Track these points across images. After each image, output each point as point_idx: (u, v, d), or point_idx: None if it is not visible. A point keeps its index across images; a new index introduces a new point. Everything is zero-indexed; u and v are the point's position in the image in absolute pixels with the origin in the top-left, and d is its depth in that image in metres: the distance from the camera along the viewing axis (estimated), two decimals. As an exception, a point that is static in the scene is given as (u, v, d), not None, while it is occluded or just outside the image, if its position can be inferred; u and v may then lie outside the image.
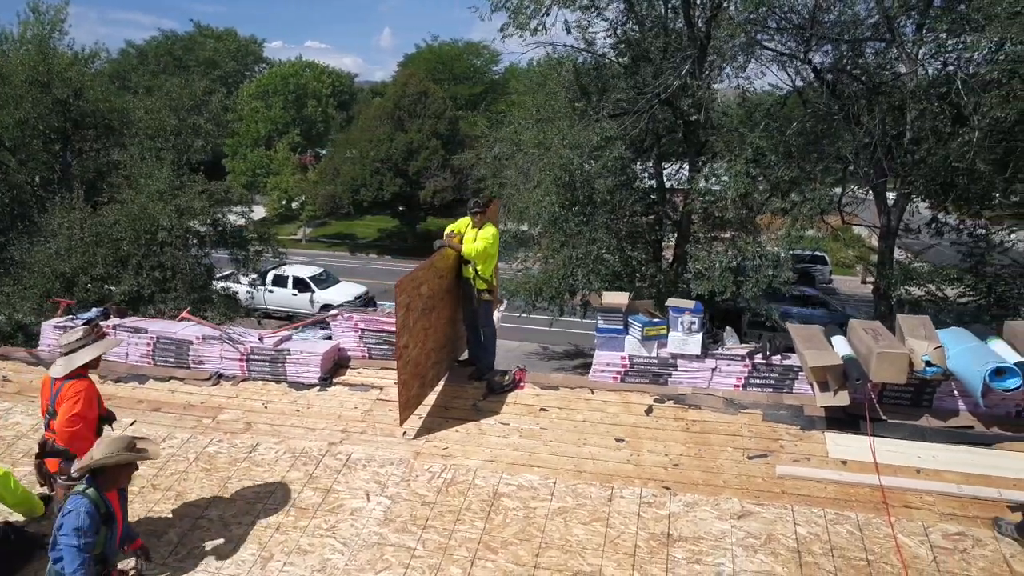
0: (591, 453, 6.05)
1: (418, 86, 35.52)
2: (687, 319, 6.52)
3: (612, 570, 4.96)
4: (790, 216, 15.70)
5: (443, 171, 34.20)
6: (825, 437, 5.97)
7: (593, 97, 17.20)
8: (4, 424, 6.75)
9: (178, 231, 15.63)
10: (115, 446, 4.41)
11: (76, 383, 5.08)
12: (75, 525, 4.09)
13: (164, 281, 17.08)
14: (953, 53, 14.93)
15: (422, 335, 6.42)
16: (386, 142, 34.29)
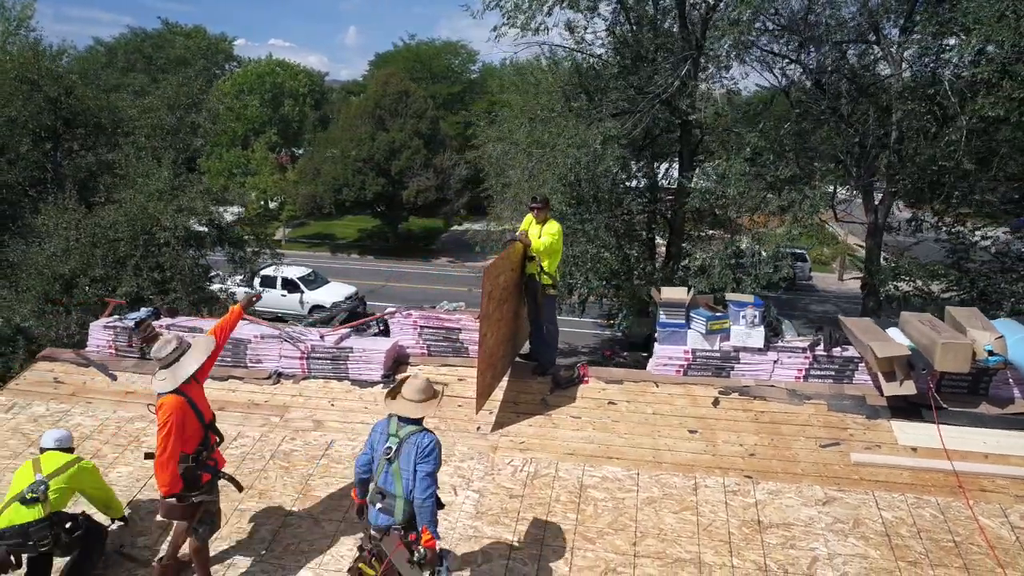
0: (667, 444, 6.19)
1: (399, 85, 35.35)
2: (749, 313, 6.70)
3: (710, 557, 5.10)
4: (790, 213, 16.04)
5: (426, 171, 34.09)
6: (892, 425, 6.19)
7: (595, 97, 17.37)
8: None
9: (180, 231, 15.37)
10: (429, 390, 4.57)
11: (165, 400, 4.69)
12: (437, 455, 4.38)
13: (163, 282, 16.78)
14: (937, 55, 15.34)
15: (496, 326, 6.49)
16: (368, 141, 34.06)
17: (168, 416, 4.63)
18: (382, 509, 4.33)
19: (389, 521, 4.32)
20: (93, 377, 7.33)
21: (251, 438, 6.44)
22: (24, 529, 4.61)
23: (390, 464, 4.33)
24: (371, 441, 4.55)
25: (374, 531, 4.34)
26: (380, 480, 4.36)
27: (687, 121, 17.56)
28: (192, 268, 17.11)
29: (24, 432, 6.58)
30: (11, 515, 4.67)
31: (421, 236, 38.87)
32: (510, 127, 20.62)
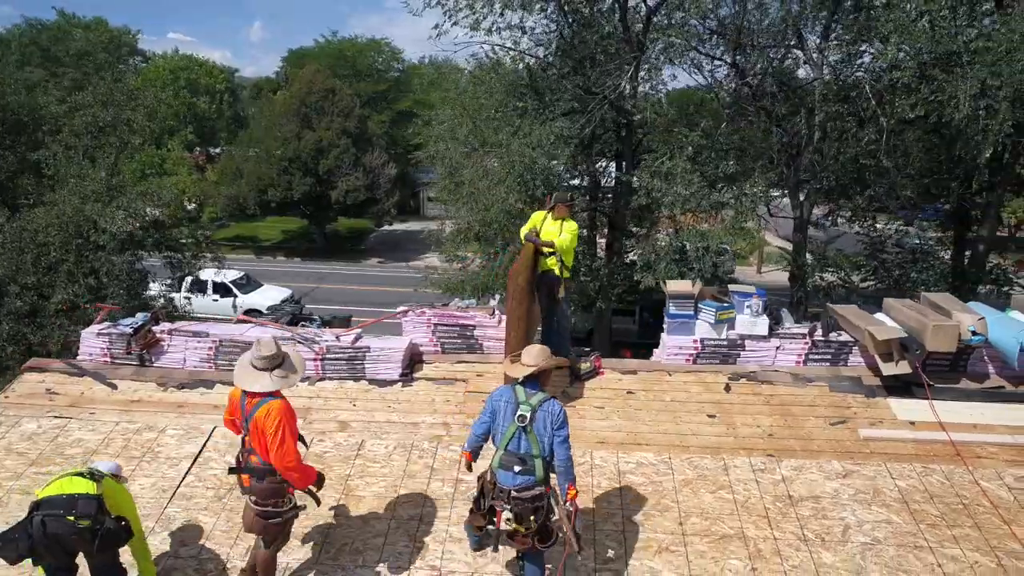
0: (691, 429, 6.51)
1: (324, 83, 34.68)
2: (754, 303, 7.11)
3: (752, 531, 5.43)
4: (733, 209, 16.80)
5: (355, 170, 33.60)
6: (889, 403, 6.72)
7: (545, 96, 17.64)
8: (67, 442, 6.32)
9: (123, 234, 14.66)
10: (546, 353, 4.79)
11: (275, 404, 4.52)
12: (565, 419, 4.65)
13: (99, 288, 15.97)
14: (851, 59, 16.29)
15: (517, 324, 6.63)
16: (293, 140, 33.26)
17: (279, 420, 4.46)
18: (521, 471, 4.56)
19: (529, 481, 4.56)
20: (90, 387, 7.00)
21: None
22: (72, 499, 4.27)
23: (525, 431, 4.58)
24: (492, 409, 4.75)
25: (516, 492, 4.55)
26: (513, 446, 4.59)
27: (630, 121, 18.09)
28: (130, 273, 16.35)
29: (19, 451, 6.21)
30: (60, 485, 4.39)
31: (349, 237, 38.27)
32: (451, 126, 20.66)
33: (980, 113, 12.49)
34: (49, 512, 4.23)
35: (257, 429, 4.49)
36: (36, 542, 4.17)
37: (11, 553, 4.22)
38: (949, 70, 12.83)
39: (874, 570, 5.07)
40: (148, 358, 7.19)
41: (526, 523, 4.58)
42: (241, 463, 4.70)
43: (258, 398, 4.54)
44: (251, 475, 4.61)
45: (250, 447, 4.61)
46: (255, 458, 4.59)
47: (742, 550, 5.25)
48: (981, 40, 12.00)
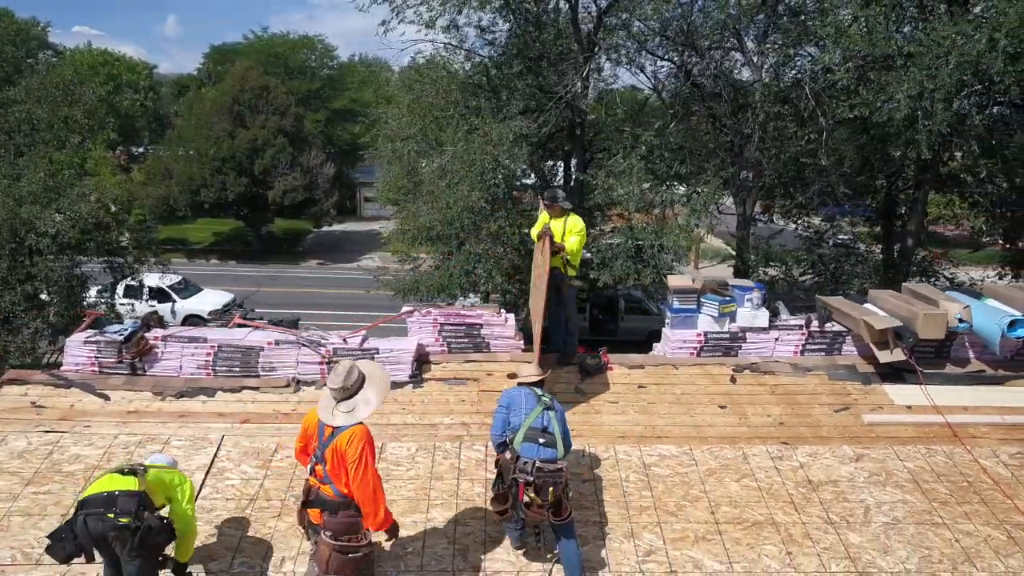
0: (705, 421, 6.65)
1: (257, 80, 33.67)
2: (755, 296, 7.32)
3: (781, 516, 5.60)
4: (688, 206, 17.20)
5: (292, 170, 32.74)
6: (885, 389, 7.05)
7: (502, 94, 17.63)
8: (63, 458, 5.93)
9: (67, 237, 13.85)
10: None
11: (358, 430, 4.35)
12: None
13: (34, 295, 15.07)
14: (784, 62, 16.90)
15: (536, 317, 6.64)
16: (227, 139, 32.15)
17: (362, 446, 4.29)
18: (545, 444, 4.79)
19: (552, 454, 4.78)
20: (80, 398, 6.59)
21: (290, 448, 6.11)
22: (112, 496, 4.17)
23: (547, 411, 4.92)
24: (507, 404, 5.07)
25: (540, 463, 4.73)
26: (535, 422, 4.86)
27: (584, 120, 18.29)
28: (69, 278, 15.50)
29: (11, 470, 5.76)
30: (101, 483, 4.30)
31: (285, 238, 37.28)
32: (398, 125, 20.44)
33: (918, 114, 13.14)
34: (90, 511, 4.16)
35: (337, 455, 4.30)
36: (81, 542, 4.14)
37: (59, 553, 4.19)
38: (886, 72, 13.46)
39: (899, 548, 5.32)
40: (140, 366, 6.83)
41: (544, 494, 4.71)
42: (310, 496, 4.47)
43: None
44: (323, 509, 4.38)
45: (325, 477, 4.37)
46: (329, 489, 4.37)
47: (775, 535, 5.41)
48: (913, 45, 12.61)
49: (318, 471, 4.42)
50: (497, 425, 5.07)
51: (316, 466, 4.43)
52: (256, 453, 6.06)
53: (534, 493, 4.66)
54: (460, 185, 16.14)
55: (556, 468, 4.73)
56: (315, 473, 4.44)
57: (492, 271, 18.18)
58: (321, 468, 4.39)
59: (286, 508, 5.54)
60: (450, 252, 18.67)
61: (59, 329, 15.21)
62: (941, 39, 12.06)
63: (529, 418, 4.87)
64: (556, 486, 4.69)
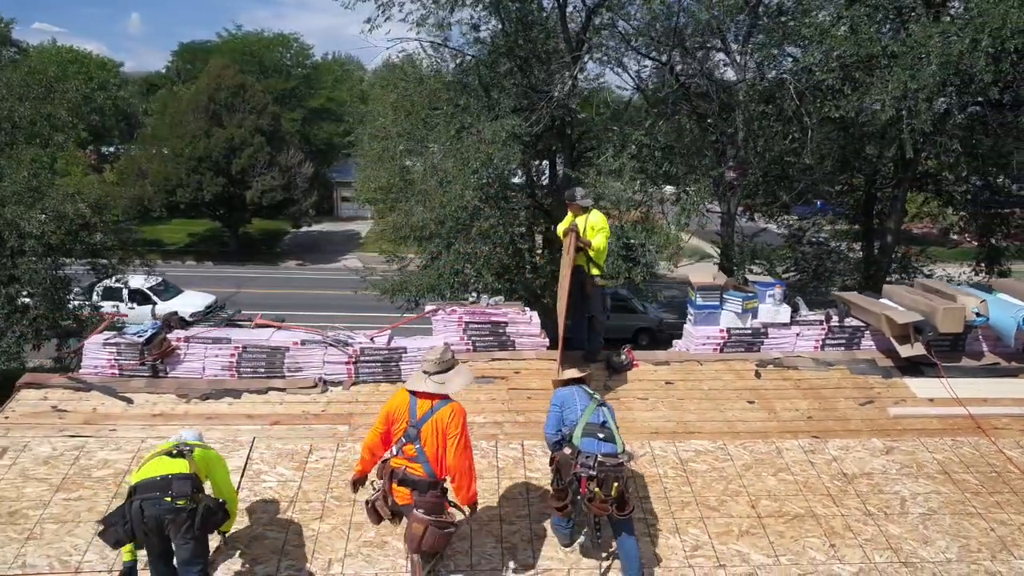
0: (735, 416, 6.70)
1: (234, 78, 33.13)
2: (776, 292, 7.40)
3: (821, 509, 5.67)
4: (679, 205, 17.33)
5: (270, 170, 32.28)
6: (906, 382, 7.17)
7: (492, 93, 17.58)
8: (91, 464, 5.77)
9: (55, 238, 13.50)
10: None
11: (457, 406, 4.56)
12: None
13: (13, 298, 14.68)
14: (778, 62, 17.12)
15: (562, 315, 6.63)
16: (203, 138, 31.57)
17: (461, 421, 4.52)
18: (604, 438, 4.83)
19: (613, 448, 4.81)
20: (102, 402, 6.41)
21: (328, 450, 6.03)
22: (167, 480, 4.22)
23: (601, 406, 4.99)
24: (562, 402, 5.09)
25: (602, 456, 4.73)
26: (593, 418, 4.91)
27: (573, 119, 18.33)
28: (53, 281, 15.13)
29: (38, 476, 5.60)
30: (153, 467, 4.32)
31: (262, 239, 36.74)
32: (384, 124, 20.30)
33: (903, 113, 13.37)
34: (145, 495, 4.17)
35: (437, 432, 4.44)
36: (135, 527, 4.13)
37: (111, 538, 4.21)
38: (870, 72, 13.68)
39: (938, 538, 5.41)
40: (162, 368, 6.67)
41: (607, 488, 4.71)
42: (397, 479, 4.53)
43: (436, 400, 4.54)
44: (414, 488, 4.47)
45: (418, 455, 4.47)
46: (420, 468, 4.47)
47: (817, 528, 5.46)
48: (897, 44, 12.82)
49: (407, 451, 4.50)
50: (552, 423, 5.07)
51: (405, 446, 4.52)
52: (290, 455, 5.96)
53: (597, 487, 4.65)
54: (453, 184, 16.06)
55: (618, 462, 4.74)
56: (403, 453, 4.52)
57: (481, 270, 18.10)
58: (412, 447, 4.48)
59: (327, 510, 5.46)
60: (439, 252, 18.57)
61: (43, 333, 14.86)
62: (925, 39, 12.29)
63: (586, 414, 4.89)
64: (619, 480, 4.69)
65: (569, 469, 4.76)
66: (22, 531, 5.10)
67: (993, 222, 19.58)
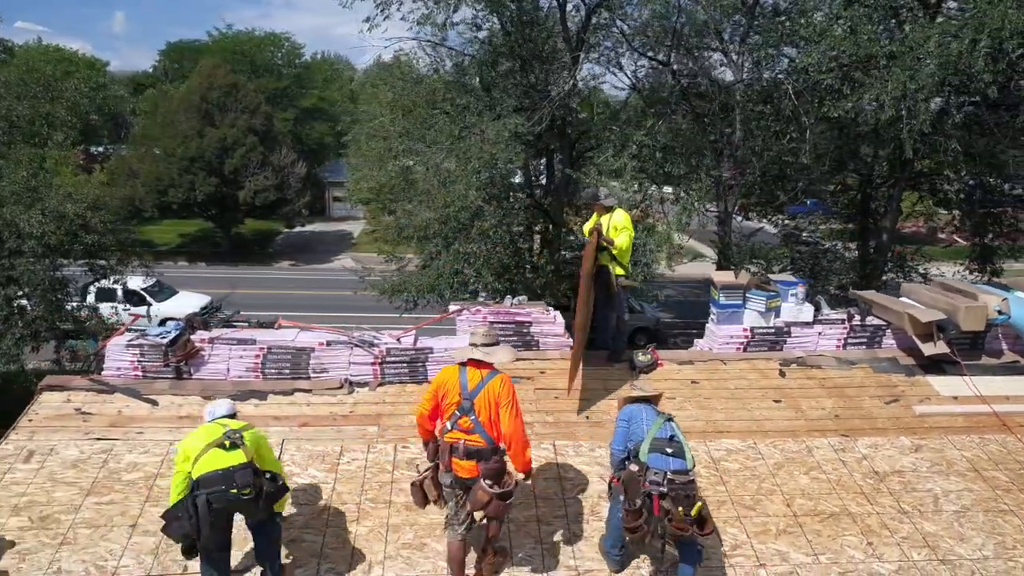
0: (763, 415, 6.70)
1: (226, 78, 32.86)
2: (799, 291, 7.42)
3: (855, 507, 5.68)
4: (680, 204, 17.35)
5: (263, 169, 32.05)
6: (929, 380, 7.20)
7: (494, 93, 17.53)
8: (120, 467, 5.69)
9: (53, 238, 13.32)
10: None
11: (506, 376, 4.72)
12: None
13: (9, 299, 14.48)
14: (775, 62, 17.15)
15: (582, 312, 6.61)
16: (195, 138, 31.30)
17: (512, 389, 4.67)
18: (673, 453, 4.62)
19: (683, 465, 4.59)
20: (127, 404, 6.32)
21: (359, 451, 5.98)
22: (229, 473, 4.28)
23: (669, 421, 4.79)
24: (629, 417, 4.92)
25: (672, 474, 4.54)
26: (660, 433, 4.71)
27: (574, 118, 18.32)
28: (52, 282, 14.95)
29: (67, 480, 5.52)
30: (211, 460, 4.33)
31: (254, 239, 36.47)
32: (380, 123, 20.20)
33: (903, 114, 13.46)
34: (211, 489, 4.24)
35: (490, 401, 4.58)
36: (201, 520, 4.19)
37: (178, 532, 4.27)
38: (868, 72, 13.73)
39: (973, 535, 5.44)
40: (186, 370, 6.59)
41: (686, 507, 4.55)
42: (457, 454, 4.60)
43: (486, 371, 4.65)
44: (478, 459, 4.58)
45: (475, 427, 4.58)
46: (478, 438, 4.58)
47: (853, 526, 5.48)
48: (896, 44, 12.88)
49: (463, 423, 4.61)
50: (618, 439, 4.88)
51: (460, 419, 4.62)
52: (321, 457, 5.90)
53: (671, 505, 4.47)
54: (456, 184, 16.01)
55: (688, 479, 4.55)
56: (459, 426, 4.62)
57: (481, 270, 18.05)
58: (467, 419, 4.60)
59: (362, 512, 5.41)
60: (438, 251, 18.50)
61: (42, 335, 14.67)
62: (923, 39, 12.35)
63: (653, 428, 4.71)
64: (690, 497, 4.51)
65: (637, 487, 4.58)
66: (55, 536, 5.02)
67: (986, 221, 19.75)
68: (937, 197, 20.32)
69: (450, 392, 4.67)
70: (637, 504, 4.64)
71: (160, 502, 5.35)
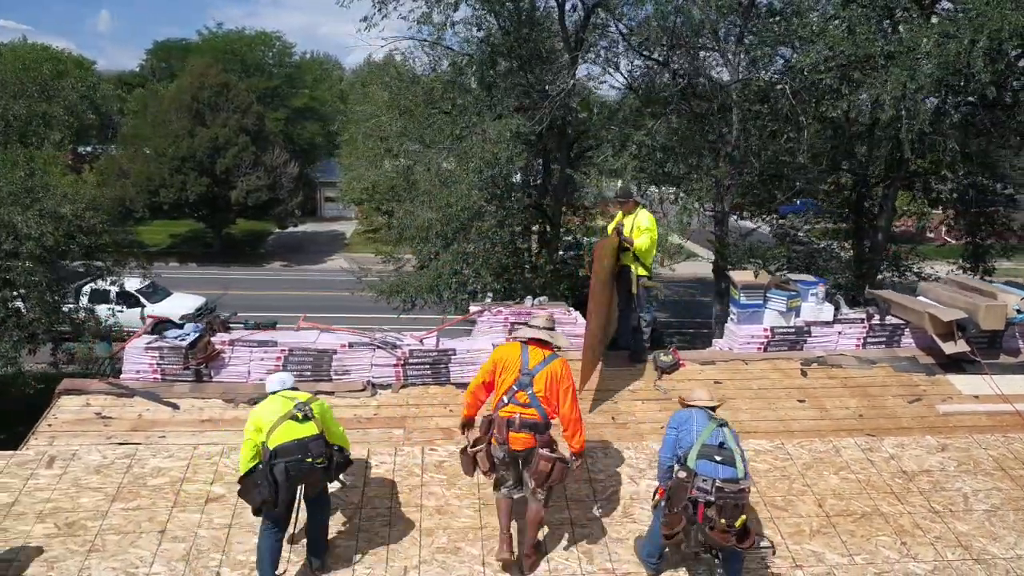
0: (788, 415, 6.69)
1: (217, 77, 32.57)
2: (819, 290, 7.41)
3: (887, 507, 5.67)
4: (681, 203, 17.36)
5: (256, 169, 31.79)
6: (949, 379, 7.22)
7: (495, 93, 17.47)
8: (145, 472, 5.58)
9: (51, 239, 13.13)
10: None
11: (565, 360, 4.96)
12: None
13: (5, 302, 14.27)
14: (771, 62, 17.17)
15: (597, 308, 6.54)
16: (186, 138, 31.01)
17: (571, 374, 4.90)
18: (723, 461, 4.51)
19: (733, 473, 4.48)
20: (147, 408, 6.21)
21: (386, 455, 5.90)
22: (304, 443, 4.58)
23: (721, 427, 4.65)
24: (679, 424, 4.79)
25: (721, 482, 4.44)
26: (710, 439, 4.58)
27: (575, 118, 18.29)
28: (49, 284, 14.75)
29: (92, 486, 5.40)
30: (286, 432, 4.59)
31: (245, 240, 36.19)
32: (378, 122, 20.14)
33: (903, 113, 13.51)
34: (288, 459, 4.51)
35: (552, 379, 4.80)
36: (280, 487, 4.46)
37: (257, 498, 4.51)
38: (866, 72, 13.77)
39: (1005, 534, 5.44)
40: (206, 373, 6.49)
41: (729, 517, 4.45)
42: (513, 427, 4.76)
43: (549, 351, 4.90)
44: (534, 431, 4.76)
45: (532, 401, 4.76)
46: (534, 412, 4.77)
47: (886, 526, 5.47)
48: (894, 44, 12.93)
49: (520, 397, 4.79)
50: (667, 447, 4.75)
51: (518, 394, 4.80)
52: (349, 460, 5.81)
53: (716, 514, 4.38)
54: (459, 184, 15.94)
55: (738, 488, 4.42)
56: (516, 400, 4.80)
57: (480, 270, 18.00)
58: (525, 394, 4.78)
59: (394, 516, 5.34)
60: (436, 252, 18.43)
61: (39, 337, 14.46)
62: (921, 39, 12.39)
63: (703, 435, 4.58)
64: (739, 507, 4.41)
65: (683, 494, 4.47)
66: (83, 543, 4.92)
67: (979, 220, 19.90)
68: (931, 197, 20.47)
69: (509, 368, 4.87)
70: (678, 510, 4.56)
71: (187, 507, 5.28)
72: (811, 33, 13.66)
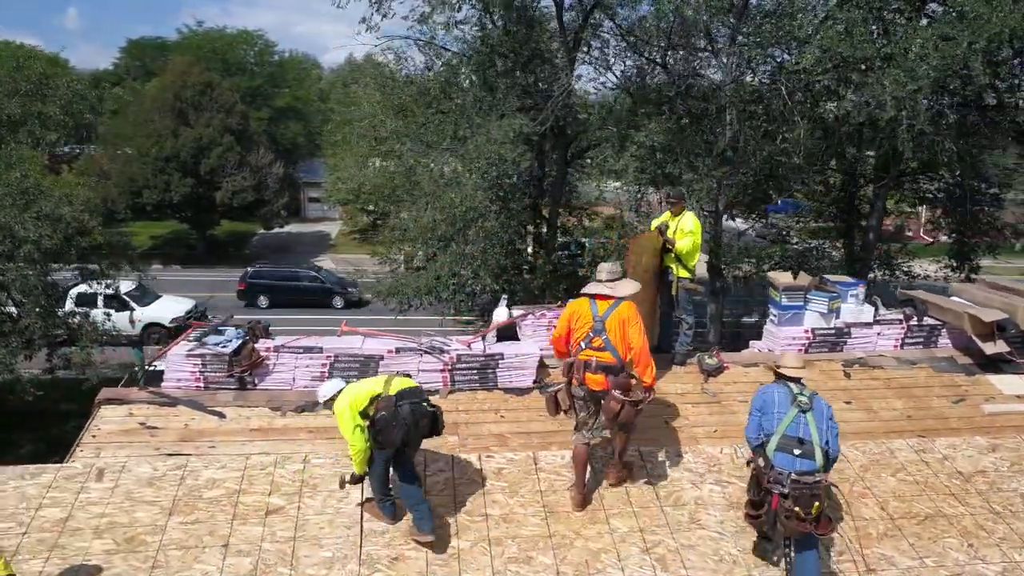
0: (837, 417, 6.55)
1: (200, 76, 32.03)
2: (859, 292, 7.43)
3: (948, 509, 5.69)
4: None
5: (241, 170, 31.31)
6: (990, 379, 7.27)
7: (497, 93, 17.35)
8: (199, 484, 5.39)
9: (49, 242, 12.77)
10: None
11: (632, 302, 5.30)
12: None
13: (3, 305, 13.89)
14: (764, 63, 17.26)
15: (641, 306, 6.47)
16: (170, 138, 30.44)
17: (637, 312, 5.27)
18: (802, 455, 4.56)
19: (810, 466, 4.53)
20: (192, 417, 6.02)
21: (443, 462, 5.78)
22: (417, 389, 5.09)
23: (803, 413, 4.67)
24: (762, 407, 4.86)
25: (797, 475, 4.50)
26: (791, 430, 4.63)
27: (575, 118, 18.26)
28: (45, 287, 14.38)
29: (147, 500, 5.21)
30: (400, 384, 5.05)
31: (229, 241, 35.64)
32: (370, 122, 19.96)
33: (903, 113, 13.64)
34: (412, 400, 4.94)
35: (621, 322, 5.17)
36: (409, 426, 4.85)
37: (398, 436, 4.82)
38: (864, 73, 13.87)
39: (1066, 534, 5.47)
40: (250, 380, 6.31)
41: (805, 507, 4.49)
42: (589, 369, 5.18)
43: (613, 300, 5.25)
44: (607, 373, 5.16)
45: (606, 345, 5.15)
46: (609, 355, 5.15)
47: (950, 528, 5.47)
48: (892, 46, 13.03)
49: (595, 343, 5.19)
50: (752, 428, 4.84)
51: (593, 340, 5.20)
52: (406, 469, 5.68)
53: (791, 504, 4.44)
54: (463, 185, 15.81)
55: (815, 480, 4.46)
56: (592, 345, 5.20)
57: (479, 271, 17.89)
58: (599, 339, 5.18)
59: (461, 526, 5.22)
60: (435, 253, 18.28)
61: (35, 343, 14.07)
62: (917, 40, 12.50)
63: (783, 424, 4.61)
64: (815, 499, 4.44)
65: (762, 480, 4.59)
66: (145, 559, 4.74)
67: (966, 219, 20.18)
68: (919, 196, 20.74)
69: (583, 319, 5.27)
70: (758, 497, 4.75)
71: (248, 520, 5.11)
72: (806, 35, 13.72)
